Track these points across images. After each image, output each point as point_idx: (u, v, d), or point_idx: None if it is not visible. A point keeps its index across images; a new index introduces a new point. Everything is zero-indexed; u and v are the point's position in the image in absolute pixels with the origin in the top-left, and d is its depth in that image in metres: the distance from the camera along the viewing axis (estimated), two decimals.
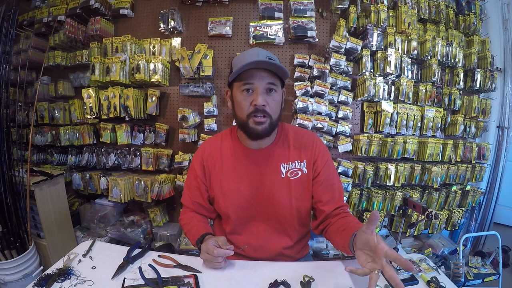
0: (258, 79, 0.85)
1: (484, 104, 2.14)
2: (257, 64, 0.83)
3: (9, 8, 1.65)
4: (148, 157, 2.00)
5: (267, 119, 0.87)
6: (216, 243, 0.85)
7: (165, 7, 1.97)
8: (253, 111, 0.86)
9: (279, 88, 0.91)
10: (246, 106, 0.87)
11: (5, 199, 1.55)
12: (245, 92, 0.87)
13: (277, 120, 0.92)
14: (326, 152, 1.02)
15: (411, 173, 2.04)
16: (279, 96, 0.91)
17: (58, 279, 0.80)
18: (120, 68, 1.87)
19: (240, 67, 0.83)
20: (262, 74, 0.85)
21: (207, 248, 0.84)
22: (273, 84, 0.87)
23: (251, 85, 0.86)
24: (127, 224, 2.01)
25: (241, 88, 0.87)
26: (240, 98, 0.88)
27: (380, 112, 1.94)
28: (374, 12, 1.91)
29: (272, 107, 0.87)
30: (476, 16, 2.19)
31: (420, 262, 0.97)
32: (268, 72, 0.86)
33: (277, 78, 0.88)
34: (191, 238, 0.98)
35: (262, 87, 0.85)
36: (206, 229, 0.97)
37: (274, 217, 0.99)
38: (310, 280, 0.83)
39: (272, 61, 0.84)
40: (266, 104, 0.86)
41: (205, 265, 0.87)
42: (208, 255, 0.84)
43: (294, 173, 0.97)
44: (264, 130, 0.87)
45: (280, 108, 0.93)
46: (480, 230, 2.31)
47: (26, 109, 2.25)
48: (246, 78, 0.86)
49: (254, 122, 0.86)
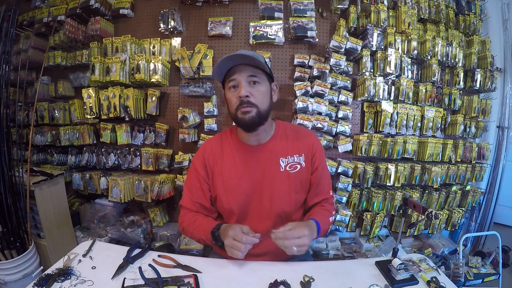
0: (238, 73, 0.92)
1: (484, 104, 2.14)
2: (229, 58, 0.90)
3: (9, 8, 1.65)
4: (148, 157, 2.00)
5: (253, 109, 0.91)
6: (240, 230, 0.85)
7: (165, 7, 1.97)
8: (239, 104, 0.92)
9: (264, 80, 0.96)
10: (234, 101, 0.93)
11: (5, 199, 1.55)
12: (232, 89, 0.94)
13: (267, 111, 0.96)
14: (322, 148, 1.09)
15: (411, 173, 2.04)
16: (265, 87, 0.96)
17: (58, 279, 0.80)
18: (120, 68, 1.87)
19: (218, 69, 0.94)
20: (242, 68, 0.92)
21: (235, 234, 0.83)
22: (254, 76, 0.92)
23: (234, 80, 0.93)
24: (127, 224, 2.01)
25: (228, 86, 0.95)
26: (229, 95, 0.96)
27: (380, 112, 1.94)
28: (374, 12, 1.91)
29: (258, 97, 0.92)
30: (476, 16, 2.19)
31: (420, 262, 0.97)
32: (249, 66, 0.92)
33: (260, 71, 0.94)
34: (202, 233, 0.96)
35: (244, 80, 0.92)
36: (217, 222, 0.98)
37: (275, 211, 1.01)
38: (310, 280, 0.83)
39: (243, 54, 0.89)
40: (250, 95, 0.91)
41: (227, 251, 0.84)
42: (234, 241, 0.82)
43: (293, 167, 1.01)
44: (251, 119, 0.91)
45: (268, 99, 0.97)
46: (480, 230, 2.31)
47: (26, 109, 2.25)
48: (229, 75, 0.94)
49: (242, 112, 0.92)
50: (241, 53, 0.89)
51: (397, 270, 0.86)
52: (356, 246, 2.08)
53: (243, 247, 0.81)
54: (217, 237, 0.90)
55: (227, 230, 0.86)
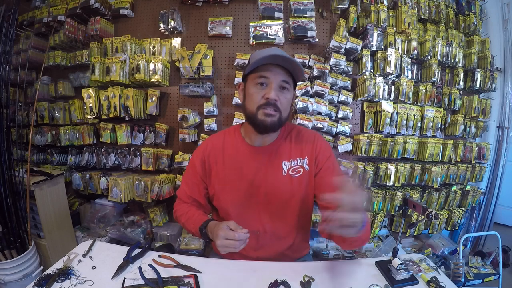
0: (273, 74, 0.87)
1: (484, 104, 2.14)
2: (274, 57, 0.85)
3: (9, 8, 1.64)
4: (148, 157, 2.00)
5: (277, 114, 0.88)
6: (228, 228, 0.81)
7: (165, 7, 1.97)
8: (264, 104, 0.87)
9: (291, 88, 0.93)
10: (257, 98, 0.88)
11: (5, 199, 1.55)
12: (258, 86, 0.89)
13: (286, 119, 0.93)
14: (328, 148, 1.02)
15: (411, 173, 2.04)
16: (291, 96, 0.93)
17: (58, 279, 0.80)
18: (120, 68, 1.87)
19: (258, 59, 0.85)
20: (278, 70, 0.88)
21: (226, 233, 0.79)
22: (286, 82, 0.89)
23: (266, 78, 0.88)
24: (127, 224, 2.01)
25: (256, 80, 0.89)
26: (253, 90, 0.90)
27: (380, 112, 1.94)
28: (374, 12, 1.91)
29: (283, 104, 0.89)
30: (476, 16, 2.19)
31: (420, 262, 0.97)
32: (284, 70, 0.88)
33: (291, 78, 0.91)
34: (192, 226, 0.97)
35: (276, 83, 0.88)
36: (207, 216, 0.97)
37: (275, 215, 0.99)
38: (310, 280, 0.83)
39: (289, 58, 0.85)
40: (278, 99, 0.87)
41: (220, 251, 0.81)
42: (227, 240, 0.79)
43: (296, 171, 0.98)
44: (272, 123, 0.88)
45: (290, 107, 0.94)
46: (480, 230, 2.31)
47: (26, 109, 2.25)
48: (262, 70, 0.88)
49: (264, 113, 0.87)
50: (284, 55, 0.85)
51: (397, 270, 0.86)
52: None
53: (237, 243, 0.79)
54: (204, 234, 0.89)
55: (215, 230, 0.83)
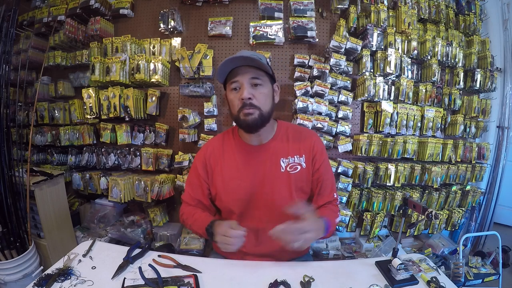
0: (241, 76, 0.92)
1: (484, 104, 2.14)
2: (234, 61, 0.90)
3: (9, 8, 1.64)
4: (148, 157, 2.00)
5: (256, 111, 0.91)
6: (228, 226, 0.87)
7: (165, 7, 1.97)
8: (242, 106, 0.92)
9: (266, 81, 0.96)
10: (236, 103, 0.94)
11: (5, 199, 1.55)
12: (234, 91, 0.94)
13: (269, 113, 0.96)
14: (324, 149, 1.08)
15: (411, 173, 2.04)
16: (267, 89, 0.95)
17: (58, 279, 0.80)
18: (120, 68, 1.87)
19: (221, 69, 0.92)
20: (245, 70, 0.92)
21: (224, 230, 0.86)
22: (256, 78, 0.92)
23: (236, 82, 0.93)
24: (127, 224, 2.01)
25: (230, 87, 0.95)
26: (231, 96, 0.95)
27: (380, 112, 1.94)
28: (374, 12, 1.91)
29: (260, 99, 0.92)
30: (476, 16, 2.19)
31: (420, 262, 0.97)
32: (252, 68, 0.92)
33: (262, 72, 0.94)
34: (199, 227, 0.99)
35: (246, 82, 0.91)
36: (212, 217, 1.00)
37: (275, 212, 1.01)
38: (310, 280, 0.83)
39: (247, 56, 0.88)
40: (253, 97, 0.91)
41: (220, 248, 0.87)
42: (224, 237, 0.85)
43: (293, 168, 1.01)
44: (253, 120, 0.91)
45: (270, 101, 0.97)
46: (480, 230, 2.31)
47: (26, 109, 2.25)
48: (231, 77, 0.94)
49: (244, 114, 0.92)
50: (243, 54, 0.89)
51: (397, 270, 0.86)
52: (356, 246, 2.09)
53: (232, 240, 0.83)
54: (211, 234, 0.92)
55: (217, 228, 0.89)
